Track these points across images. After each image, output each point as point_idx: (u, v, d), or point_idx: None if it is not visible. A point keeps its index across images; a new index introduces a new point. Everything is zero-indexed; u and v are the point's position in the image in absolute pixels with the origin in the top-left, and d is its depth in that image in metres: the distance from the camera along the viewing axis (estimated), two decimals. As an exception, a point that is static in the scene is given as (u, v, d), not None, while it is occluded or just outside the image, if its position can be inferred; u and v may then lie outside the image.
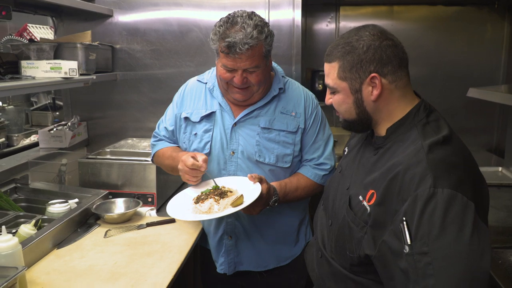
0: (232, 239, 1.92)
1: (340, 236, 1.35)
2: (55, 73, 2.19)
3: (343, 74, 1.29)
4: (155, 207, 2.29)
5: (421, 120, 1.26)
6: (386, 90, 1.27)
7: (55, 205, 2.04)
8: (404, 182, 1.14)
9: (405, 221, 1.10)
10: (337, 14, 3.74)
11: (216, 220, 1.93)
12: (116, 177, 2.33)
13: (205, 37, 2.78)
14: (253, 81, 1.76)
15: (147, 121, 2.91)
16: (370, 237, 1.21)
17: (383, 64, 1.25)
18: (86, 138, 2.97)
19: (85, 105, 2.99)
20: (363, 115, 1.33)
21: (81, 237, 1.92)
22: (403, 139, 1.25)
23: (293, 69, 2.77)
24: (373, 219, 1.21)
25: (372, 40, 1.25)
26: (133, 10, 2.82)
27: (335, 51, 1.31)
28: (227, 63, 1.71)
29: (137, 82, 2.89)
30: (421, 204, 1.08)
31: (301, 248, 2.01)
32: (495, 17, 3.61)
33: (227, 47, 1.66)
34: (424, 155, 1.15)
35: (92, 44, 2.57)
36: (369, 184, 1.27)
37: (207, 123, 1.89)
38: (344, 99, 1.33)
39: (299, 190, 1.87)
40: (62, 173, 2.47)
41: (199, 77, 2.03)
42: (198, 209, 1.68)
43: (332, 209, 1.46)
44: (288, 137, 1.87)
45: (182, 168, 1.75)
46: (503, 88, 3.15)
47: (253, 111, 1.87)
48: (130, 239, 1.92)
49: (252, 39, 1.65)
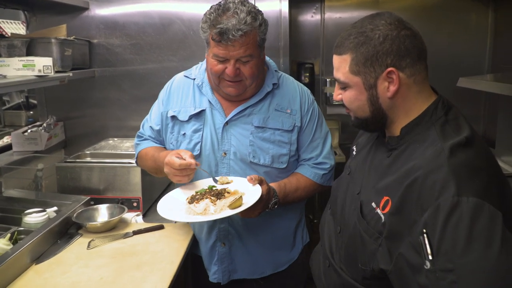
0: (225, 246, 1.80)
1: (350, 246, 1.24)
2: (28, 71, 2.03)
3: (356, 68, 1.16)
4: (141, 212, 2.15)
5: (440, 119, 1.15)
6: (404, 85, 1.15)
7: (32, 215, 1.88)
8: (423, 190, 1.03)
9: (426, 233, 0.98)
10: (322, 5, 3.63)
11: (208, 226, 1.81)
12: (98, 182, 2.18)
13: (188, 30, 2.65)
14: (246, 73, 1.64)
15: (129, 119, 2.77)
16: (385, 249, 1.10)
17: (401, 57, 1.13)
18: (63, 139, 2.80)
19: (62, 104, 2.82)
20: (378, 113, 1.20)
21: (62, 250, 1.77)
22: (420, 140, 1.14)
23: (281, 62, 2.68)
24: (389, 230, 1.09)
25: (389, 29, 1.12)
26: (111, 2, 2.66)
27: (346, 42, 1.18)
28: (218, 52, 1.59)
29: (117, 79, 2.74)
30: (444, 215, 0.97)
31: (298, 252, 1.92)
32: (479, 5, 3.56)
33: (219, 34, 1.55)
34: (445, 159, 1.03)
35: (67, 39, 2.40)
36: (382, 189, 1.15)
37: (196, 122, 1.76)
38: (356, 95, 1.20)
39: (299, 191, 1.77)
40: (39, 179, 2.31)
41: (186, 73, 1.90)
42: (193, 210, 1.55)
43: (341, 215, 1.35)
44: (283, 136, 1.75)
45: (169, 172, 1.62)
46: (489, 77, 3.12)
47: (246, 108, 1.75)
48: (116, 249, 1.78)
49: (246, 25, 1.55)
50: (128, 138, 2.70)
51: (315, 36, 3.66)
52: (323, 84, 3.69)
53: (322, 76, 3.70)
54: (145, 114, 1.96)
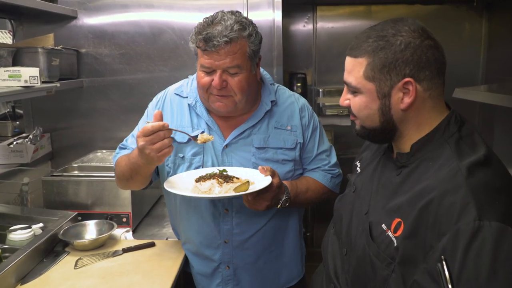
0: (230, 269, 1.73)
1: (359, 271, 1.17)
2: (14, 81, 1.95)
3: (372, 74, 1.10)
4: (131, 228, 2.08)
5: (453, 135, 1.09)
6: (419, 98, 1.09)
7: (16, 232, 1.80)
8: (440, 213, 0.96)
9: (445, 260, 0.92)
10: (314, 15, 3.60)
11: (211, 248, 1.72)
12: (86, 196, 2.10)
13: (179, 39, 2.59)
14: (234, 87, 1.54)
15: (117, 130, 2.68)
16: (399, 276, 1.03)
17: (420, 68, 1.06)
18: (50, 151, 2.71)
19: (48, 115, 2.73)
20: (388, 124, 1.14)
21: (48, 269, 1.68)
22: (433, 158, 1.08)
23: (275, 72, 2.64)
24: (402, 255, 1.02)
25: (412, 37, 1.06)
26: (100, 11, 2.59)
27: (364, 44, 1.11)
28: (204, 62, 1.52)
29: (106, 89, 2.67)
30: (464, 241, 0.90)
31: (302, 267, 1.87)
32: (473, 15, 3.56)
33: (203, 40, 1.48)
34: (463, 179, 0.97)
35: (55, 48, 2.33)
36: (393, 210, 1.09)
37: (195, 144, 1.66)
38: (367, 103, 1.13)
39: (309, 192, 1.71)
40: (24, 193, 2.22)
41: (177, 90, 1.78)
42: (198, 189, 1.50)
43: (346, 236, 1.28)
44: (286, 154, 1.70)
45: (145, 144, 1.41)
46: (484, 88, 3.11)
47: (244, 130, 1.68)
48: (105, 269, 1.70)
49: (232, 32, 1.48)
50: (117, 150, 2.62)
51: (307, 46, 3.63)
52: (315, 95, 3.65)
53: (315, 86, 3.66)
54: (134, 125, 1.88)
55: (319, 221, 3.88)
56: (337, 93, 3.64)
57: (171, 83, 1.89)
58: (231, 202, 1.67)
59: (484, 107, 3.33)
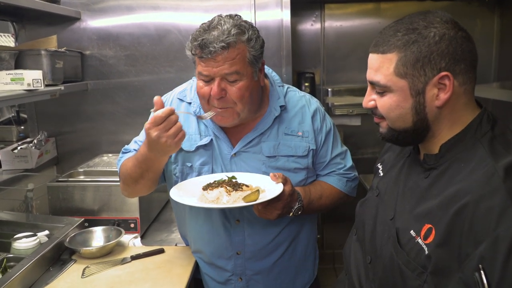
0: (242, 280, 1.66)
1: (386, 281, 1.10)
2: (17, 85, 1.89)
3: (404, 70, 1.01)
4: (139, 234, 2.01)
5: (486, 134, 1.01)
6: (454, 94, 1.01)
7: (22, 240, 1.74)
8: (476, 218, 0.89)
9: (483, 269, 0.85)
10: (322, 13, 3.54)
11: (222, 257, 1.65)
12: (92, 202, 2.04)
13: (185, 40, 2.49)
14: (233, 96, 1.44)
15: (123, 134, 2.63)
16: (431, 286, 0.96)
17: (456, 61, 0.99)
18: (55, 156, 2.66)
19: (53, 119, 2.68)
20: (422, 124, 1.06)
21: (54, 279, 1.62)
22: (465, 159, 1.00)
23: (283, 72, 2.58)
24: (435, 264, 0.95)
25: (445, 28, 0.99)
26: (104, 13, 2.54)
27: (393, 39, 1.02)
28: (202, 70, 1.42)
29: (111, 92, 2.62)
30: (505, 248, 0.83)
31: (314, 275, 1.80)
32: (484, 11, 3.50)
33: (199, 47, 1.38)
34: (500, 182, 0.90)
35: (58, 50, 2.27)
36: (423, 216, 1.02)
37: (204, 152, 1.59)
38: (399, 102, 1.05)
39: (323, 198, 1.63)
40: (29, 199, 2.17)
41: (180, 95, 1.68)
42: (205, 197, 1.42)
43: (370, 243, 1.20)
44: (298, 162, 1.60)
45: (158, 133, 1.34)
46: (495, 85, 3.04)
47: (253, 139, 1.59)
48: (113, 277, 1.64)
49: (229, 36, 1.37)
50: (124, 153, 2.56)
51: (315, 45, 3.58)
52: (324, 94, 3.60)
53: (323, 86, 3.60)
54: (140, 129, 1.80)
55: (329, 223, 3.83)
56: (346, 92, 3.58)
57: (177, 85, 1.83)
58: (242, 212, 1.60)
59: (497, 104, 3.26)
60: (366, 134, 3.61)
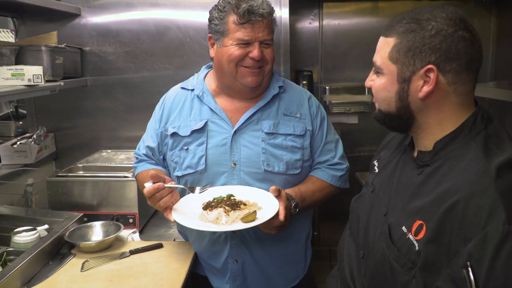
0: (238, 263, 1.69)
1: (377, 276, 1.12)
2: (17, 80, 1.91)
3: (396, 55, 1.05)
4: (137, 229, 2.04)
5: (480, 133, 1.03)
6: (441, 90, 1.03)
7: (21, 234, 1.76)
8: (466, 216, 0.90)
9: (470, 266, 0.86)
10: (320, 11, 3.55)
11: (220, 241, 1.70)
12: (91, 197, 2.06)
13: (185, 37, 2.55)
14: (268, 57, 1.61)
15: (122, 130, 2.65)
16: (420, 282, 0.98)
17: (448, 59, 1.00)
18: (54, 151, 2.67)
19: (52, 114, 2.69)
20: (405, 111, 1.09)
21: (54, 272, 1.64)
22: (458, 157, 1.02)
23: (281, 70, 2.59)
24: (424, 260, 0.97)
25: (446, 24, 1.00)
26: (104, 9, 2.55)
27: (397, 25, 1.06)
28: (244, 35, 1.56)
29: (110, 88, 2.63)
30: (492, 247, 0.85)
31: (308, 266, 1.84)
32: (481, 11, 3.51)
33: (247, 13, 1.53)
34: (491, 181, 0.91)
35: (58, 46, 2.28)
36: (415, 212, 1.03)
37: (199, 135, 1.67)
38: (386, 85, 1.09)
39: (316, 193, 1.69)
40: (28, 194, 2.18)
41: (183, 84, 1.80)
42: (205, 217, 1.47)
43: (364, 238, 1.22)
44: (296, 141, 1.68)
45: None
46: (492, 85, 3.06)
47: (254, 114, 1.67)
48: (112, 271, 1.66)
49: (268, 6, 1.58)
50: (122, 149, 2.58)
51: (313, 43, 3.59)
52: (322, 92, 3.61)
53: (321, 84, 3.61)
54: (139, 124, 1.85)
55: (325, 220, 3.85)
56: (344, 90, 3.59)
57: (176, 82, 1.87)
58: None
59: (494, 104, 3.28)
60: (363, 132, 3.63)
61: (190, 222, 1.46)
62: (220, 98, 1.72)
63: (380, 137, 1.49)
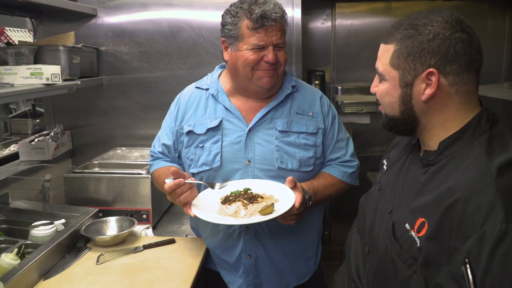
0: (251, 258, 1.73)
1: (380, 271, 1.14)
2: (36, 79, 1.96)
3: (397, 61, 1.09)
4: (150, 224, 2.08)
5: (484, 133, 1.04)
6: (444, 92, 1.06)
7: (39, 228, 1.81)
8: (465, 214, 0.92)
9: (469, 263, 0.88)
10: (333, 11, 3.57)
11: (233, 237, 1.74)
12: (106, 193, 2.12)
13: (198, 37, 2.59)
14: (282, 60, 1.65)
15: (136, 128, 2.70)
16: (420, 278, 1.00)
17: (447, 61, 1.03)
18: (70, 148, 2.73)
19: (69, 112, 2.76)
20: (409, 115, 1.12)
21: (70, 265, 1.70)
22: (461, 156, 1.04)
23: (294, 70, 2.62)
24: (425, 256, 0.99)
25: (442, 28, 1.03)
26: (119, 10, 2.60)
27: (396, 32, 1.10)
28: (258, 40, 1.59)
29: (125, 87, 2.68)
30: (490, 244, 0.87)
31: (318, 263, 1.87)
32: (496, 11, 3.50)
33: (261, 18, 1.56)
34: (491, 180, 0.93)
35: (75, 46, 2.34)
36: (418, 210, 1.05)
37: (214, 133, 1.71)
38: (389, 90, 1.13)
39: (328, 188, 1.73)
40: (46, 189, 2.24)
41: (198, 84, 1.84)
42: (224, 211, 1.52)
43: (369, 235, 1.25)
44: (308, 139, 1.72)
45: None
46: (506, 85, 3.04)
47: (268, 113, 1.72)
48: (126, 265, 1.71)
49: (280, 9, 1.60)
50: (136, 147, 2.64)
51: (325, 43, 3.61)
52: (334, 92, 3.63)
53: (333, 84, 3.63)
54: (153, 123, 1.89)
55: (336, 220, 3.86)
56: (356, 90, 3.61)
57: (189, 81, 1.91)
58: None
59: (508, 105, 3.27)
60: (375, 132, 3.64)
61: (210, 216, 1.50)
62: (235, 98, 1.76)
63: (391, 138, 1.51)
